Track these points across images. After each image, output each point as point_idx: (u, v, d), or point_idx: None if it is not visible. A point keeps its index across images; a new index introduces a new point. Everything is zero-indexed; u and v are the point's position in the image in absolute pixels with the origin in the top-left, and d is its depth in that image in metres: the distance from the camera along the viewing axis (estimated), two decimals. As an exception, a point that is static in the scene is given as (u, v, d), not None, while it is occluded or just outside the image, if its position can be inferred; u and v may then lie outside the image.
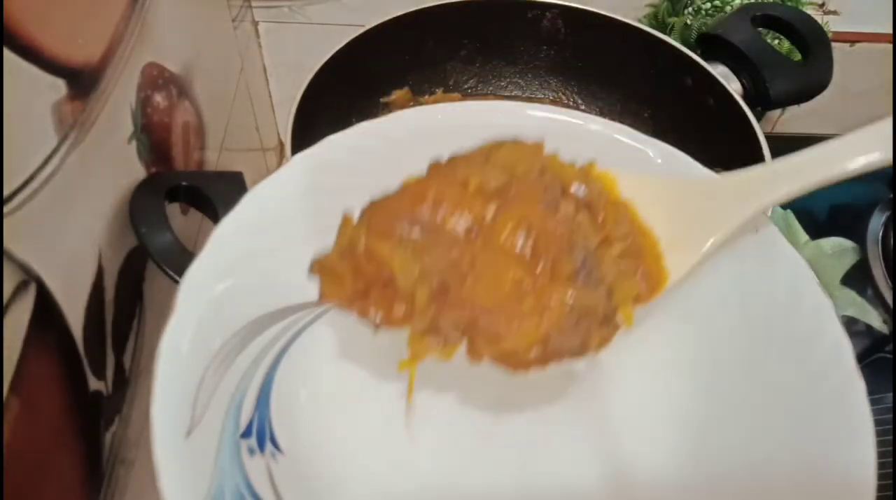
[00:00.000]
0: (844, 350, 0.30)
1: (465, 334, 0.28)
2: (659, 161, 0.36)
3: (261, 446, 0.30)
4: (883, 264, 0.60)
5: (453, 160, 0.31)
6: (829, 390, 0.29)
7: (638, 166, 0.36)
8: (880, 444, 0.29)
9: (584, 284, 0.28)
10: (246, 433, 0.30)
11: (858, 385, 0.29)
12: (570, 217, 0.29)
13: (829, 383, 0.30)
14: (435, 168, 0.31)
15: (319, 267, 0.30)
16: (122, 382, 0.42)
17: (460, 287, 0.27)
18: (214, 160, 0.59)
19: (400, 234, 0.28)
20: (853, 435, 0.28)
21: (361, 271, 0.28)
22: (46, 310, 0.33)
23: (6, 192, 0.30)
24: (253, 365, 0.32)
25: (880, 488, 0.27)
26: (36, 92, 0.33)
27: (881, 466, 0.28)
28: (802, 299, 0.32)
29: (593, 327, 0.28)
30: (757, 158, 0.49)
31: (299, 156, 0.35)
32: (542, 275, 0.27)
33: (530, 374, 0.27)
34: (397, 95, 0.61)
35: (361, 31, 0.55)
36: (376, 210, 0.30)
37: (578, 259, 0.28)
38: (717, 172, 0.35)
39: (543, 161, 0.31)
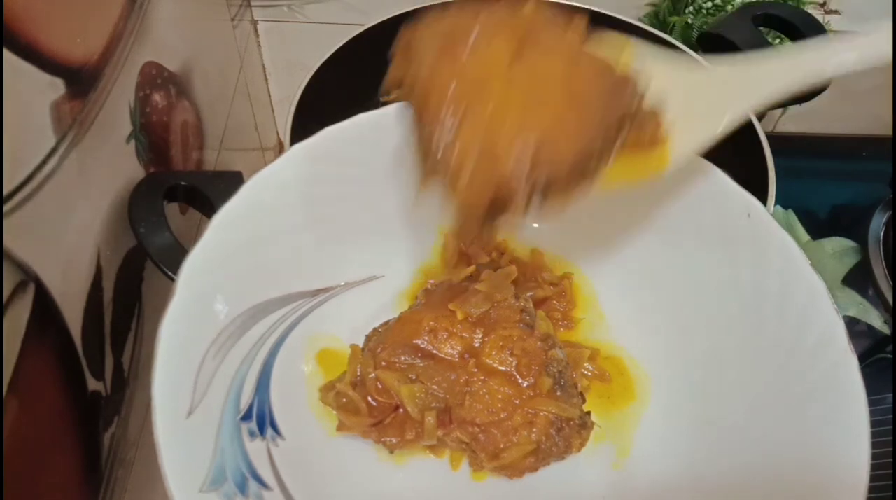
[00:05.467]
0: (837, 330, 0.30)
1: (468, 449, 0.32)
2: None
3: (261, 429, 0.31)
4: (884, 264, 0.60)
5: (442, 288, 0.36)
6: (823, 369, 0.30)
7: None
8: (881, 444, 0.29)
9: (563, 395, 0.33)
10: (246, 416, 0.30)
11: (852, 363, 0.29)
12: (545, 333, 0.34)
13: (824, 362, 0.30)
14: (427, 294, 0.36)
15: (335, 400, 0.33)
16: (121, 382, 0.42)
17: (460, 407, 0.31)
18: (213, 160, 0.59)
19: (404, 364, 0.32)
20: (848, 412, 0.29)
21: (373, 399, 0.33)
22: (45, 310, 0.33)
23: (5, 191, 0.30)
24: (253, 350, 0.33)
25: (881, 488, 0.27)
26: (34, 91, 0.33)
27: (881, 466, 0.28)
28: (795, 282, 0.32)
29: (573, 433, 0.32)
30: (758, 157, 0.49)
31: (297, 146, 0.35)
32: (527, 390, 0.32)
33: (524, 478, 0.32)
34: (397, 94, 0.61)
35: (361, 29, 0.55)
36: (380, 342, 0.34)
37: (555, 372, 0.33)
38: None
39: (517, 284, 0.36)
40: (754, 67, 0.32)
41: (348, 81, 0.55)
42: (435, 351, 0.33)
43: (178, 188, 0.42)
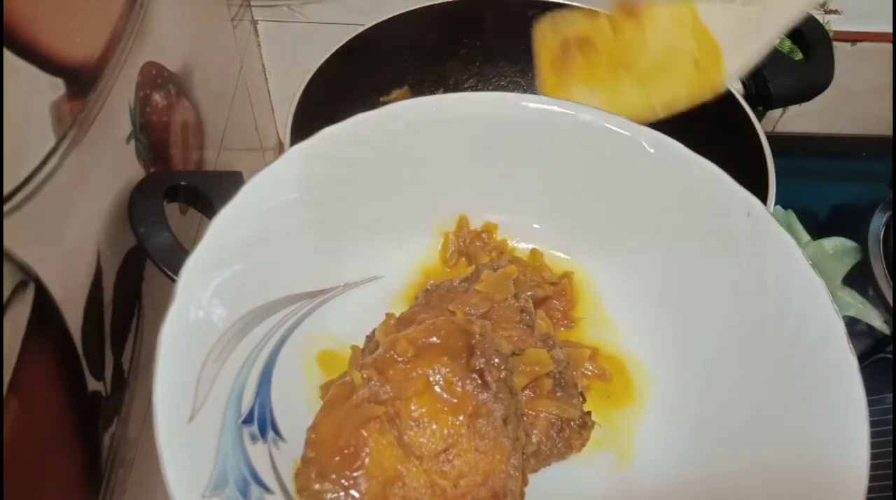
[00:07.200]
0: (837, 329, 0.30)
1: None
2: (651, 150, 0.36)
3: (262, 432, 0.31)
4: (884, 264, 0.60)
5: (442, 288, 0.36)
6: (822, 369, 0.30)
7: (630, 155, 0.37)
8: (880, 444, 0.29)
9: (563, 396, 0.32)
10: (247, 420, 0.30)
11: (850, 361, 0.29)
12: (545, 333, 0.34)
13: (823, 362, 0.30)
14: (427, 295, 0.36)
15: None
16: (121, 382, 0.42)
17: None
18: (213, 160, 0.59)
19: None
20: (847, 412, 0.29)
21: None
22: (45, 310, 0.33)
23: (5, 191, 0.30)
24: (253, 353, 0.32)
25: (881, 488, 0.27)
26: (35, 91, 0.33)
27: (881, 466, 0.28)
28: (795, 281, 0.32)
29: (573, 434, 0.32)
30: (758, 157, 0.49)
31: (296, 147, 0.35)
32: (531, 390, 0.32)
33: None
34: (397, 94, 0.61)
35: (361, 30, 0.55)
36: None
37: (556, 373, 0.33)
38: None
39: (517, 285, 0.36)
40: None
41: (348, 81, 0.55)
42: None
43: (179, 188, 0.42)
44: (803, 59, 0.56)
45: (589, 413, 0.33)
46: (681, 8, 0.43)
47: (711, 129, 0.54)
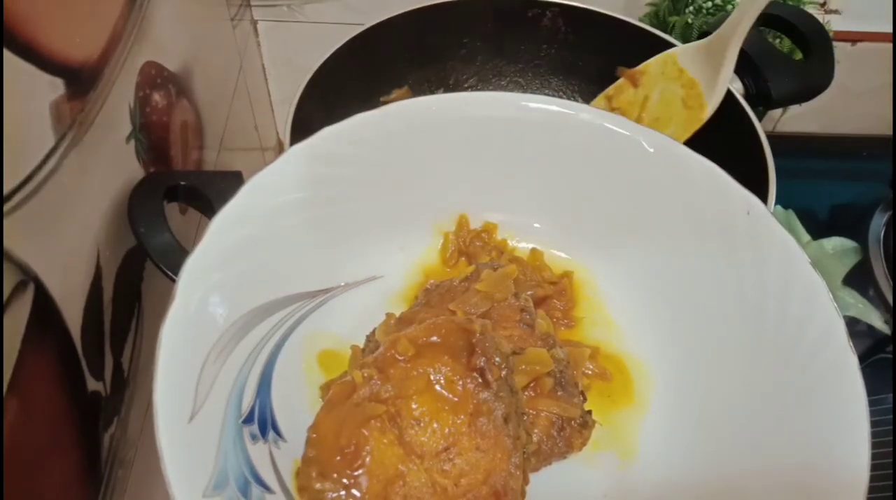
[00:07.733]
0: (837, 328, 0.30)
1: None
2: (651, 150, 0.37)
3: (263, 432, 0.31)
4: (885, 264, 0.60)
5: (442, 288, 0.36)
6: (823, 368, 0.30)
7: (630, 154, 0.37)
8: (881, 444, 0.29)
9: (564, 395, 0.33)
10: (248, 419, 0.30)
11: (851, 360, 0.30)
12: (545, 333, 0.34)
13: (823, 361, 0.30)
14: (427, 294, 0.36)
15: None
16: (121, 383, 0.42)
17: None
18: (213, 159, 0.59)
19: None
20: (848, 412, 0.29)
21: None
22: (45, 310, 0.33)
23: (5, 190, 0.30)
24: (254, 353, 0.32)
25: (881, 488, 0.27)
26: (34, 91, 0.33)
27: (882, 466, 0.27)
28: (795, 280, 0.32)
29: (574, 433, 0.32)
30: (758, 157, 0.49)
31: (297, 147, 0.35)
32: (531, 389, 0.32)
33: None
34: (397, 94, 0.61)
35: (361, 29, 0.55)
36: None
37: (556, 372, 0.33)
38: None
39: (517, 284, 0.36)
40: (717, 31, 0.47)
41: (348, 81, 0.55)
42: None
43: (178, 188, 0.42)
44: (803, 60, 0.56)
45: (590, 412, 0.33)
46: (664, 58, 0.51)
47: (712, 128, 0.54)
